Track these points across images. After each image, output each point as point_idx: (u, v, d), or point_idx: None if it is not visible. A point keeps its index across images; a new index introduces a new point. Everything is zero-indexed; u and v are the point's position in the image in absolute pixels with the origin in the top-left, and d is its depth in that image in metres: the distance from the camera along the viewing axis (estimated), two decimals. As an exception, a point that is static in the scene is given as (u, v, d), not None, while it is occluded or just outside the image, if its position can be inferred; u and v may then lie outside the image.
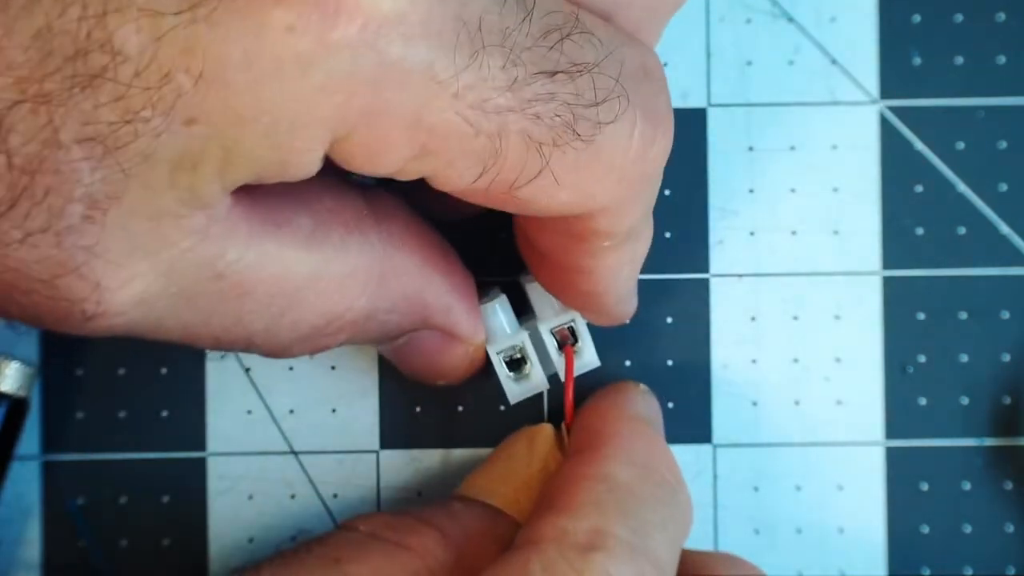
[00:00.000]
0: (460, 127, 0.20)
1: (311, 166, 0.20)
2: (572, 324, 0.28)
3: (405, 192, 0.26)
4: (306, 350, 0.25)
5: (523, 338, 0.28)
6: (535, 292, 0.28)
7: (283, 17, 0.18)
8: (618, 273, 0.25)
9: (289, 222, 0.22)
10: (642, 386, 0.29)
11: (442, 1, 0.19)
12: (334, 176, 0.24)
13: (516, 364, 0.28)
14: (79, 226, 0.19)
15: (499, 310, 0.28)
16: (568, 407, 0.28)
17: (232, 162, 0.19)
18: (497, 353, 0.28)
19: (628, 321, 0.28)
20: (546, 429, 0.28)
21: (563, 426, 0.28)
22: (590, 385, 0.29)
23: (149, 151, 0.19)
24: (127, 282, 0.20)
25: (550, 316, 0.28)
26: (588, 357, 0.28)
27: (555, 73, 0.20)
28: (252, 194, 0.22)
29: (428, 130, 0.20)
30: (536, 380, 0.28)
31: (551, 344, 0.28)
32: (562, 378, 0.28)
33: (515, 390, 0.28)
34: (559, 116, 0.20)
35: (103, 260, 0.20)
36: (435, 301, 0.26)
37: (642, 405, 0.28)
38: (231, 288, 0.22)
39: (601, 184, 0.22)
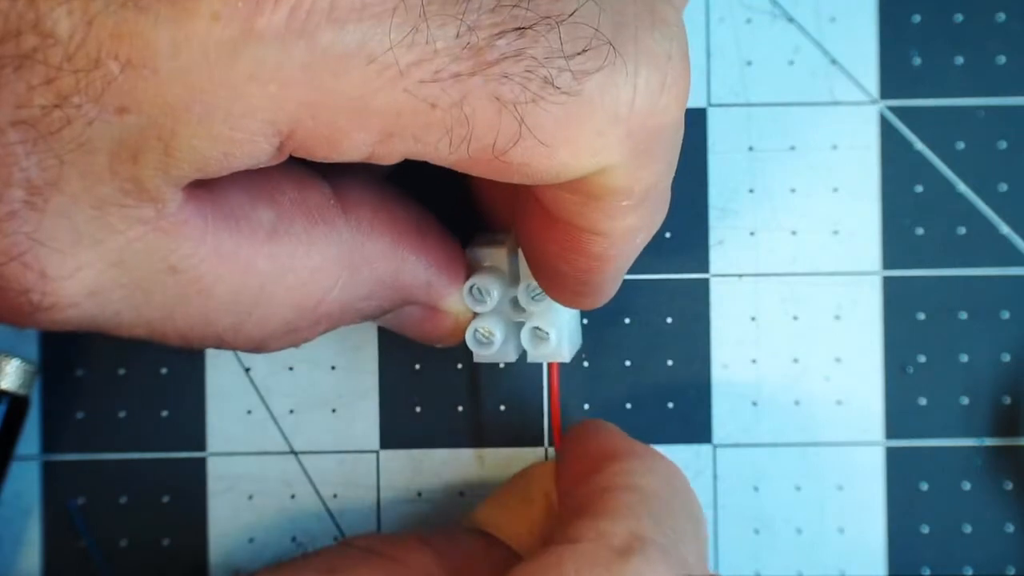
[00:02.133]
0: (412, 104, 0.19)
1: (259, 157, 0.20)
2: (542, 325, 0.27)
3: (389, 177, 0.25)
4: (283, 344, 0.24)
5: (503, 316, 0.27)
6: (524, 267, 0.27)
7: (209, 4, 0.18)
8: (633, 239, 0.23)
9: (248, 217, 0.22)
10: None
11: None
12: (299, 165, 0.23)
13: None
14: (21, 212, 0.19)
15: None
16: (555, 419, 0.28)
17: (172, 155, 0.19)
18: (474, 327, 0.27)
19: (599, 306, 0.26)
20: (547, 465, 0.28)
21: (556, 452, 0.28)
22: (586, 398, 0.29)
23: (83, 139, 0.18)
24: (75, 271, 0.20)
25: (529, 311, 0.27)
26: (555, 353, 0.27)
27: (523, 29, 0.19)
28: (209, 188, 0.21)
29: (379, 113, 0.19)
30: (504, 352, 0.27)
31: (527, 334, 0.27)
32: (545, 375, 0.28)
33: (482, 354, 0.27)
34: (531, 72, 0.19)
35: (48, 248, 0.20)
36: (412, 280, 0.25)
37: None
38: (189, 283, 0.21)
39: (605, 138, 0.21)
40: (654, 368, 0.30)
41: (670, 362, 0.30)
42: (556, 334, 0.27)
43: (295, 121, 0.19)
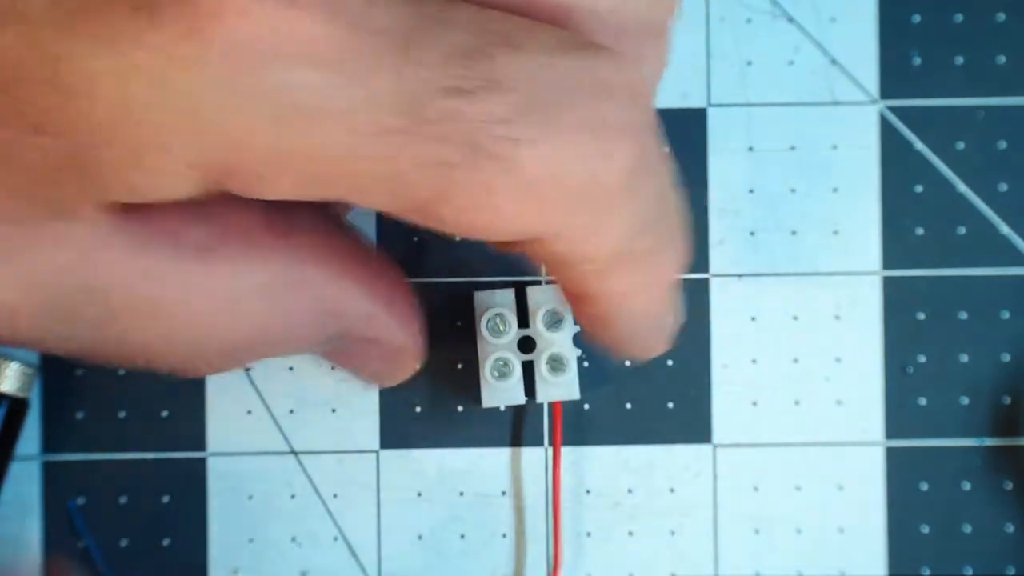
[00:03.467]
0: (345, 153, 0.19)
1: (187, 189, 0.19)
2: (562, 353, 0.28)
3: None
4: (219, 368, 0.23)
5: (515, 353, 0.28)
6: (534, 300, 0.29)
7: (150, 35, 0.17)
8: (630, 302, 0.22)
9: (178, 235, 0.21)
10: None
11: (325, 22, 0.18)
12: None
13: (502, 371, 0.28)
14: None
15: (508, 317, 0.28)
16: (556, 462, 0.29)
17: (94, 181, 0.19)
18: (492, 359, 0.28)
19: (651, 357, 0.26)
20: None
21: None
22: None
23: (3, 156, 0.18)
24: None
25: (546, 339, 0.28)
26: (569, 389, 0.29)
27: (464, 91, 0.19)
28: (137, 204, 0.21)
29: (312, 160, 0.19)
30: (515, 393, 0.29)
31: (544, 367, 0.28)
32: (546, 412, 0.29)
33: (492, 396, 0.28)
34: (468, 135, 0.19)
35: None
36: (353, 311, 0.24)
37: None
38: (107, 303, 0.20)
39: (534, 206, 0.20)
40: (654, 368, 0.30)
41: (670, 362, 0.30)
42: (575, 363, 0.28)
43: (225, 159, 0.19)
